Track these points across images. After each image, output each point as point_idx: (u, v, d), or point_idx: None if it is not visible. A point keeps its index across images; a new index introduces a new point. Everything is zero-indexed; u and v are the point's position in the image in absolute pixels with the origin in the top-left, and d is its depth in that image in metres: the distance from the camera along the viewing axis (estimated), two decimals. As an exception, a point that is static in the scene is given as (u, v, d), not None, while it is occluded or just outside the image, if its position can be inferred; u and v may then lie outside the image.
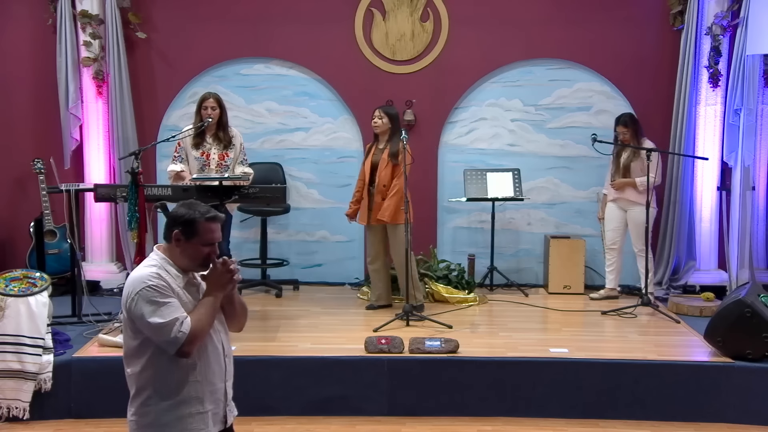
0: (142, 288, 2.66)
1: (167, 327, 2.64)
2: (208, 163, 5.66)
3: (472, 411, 4.80)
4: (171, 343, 2.66)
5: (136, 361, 2.76)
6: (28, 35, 6.83)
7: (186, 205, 2.79)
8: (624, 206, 6.33)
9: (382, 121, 5.90)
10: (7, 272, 5.09)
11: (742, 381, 4.75)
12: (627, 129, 6.27)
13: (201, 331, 2.71)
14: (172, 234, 2.75)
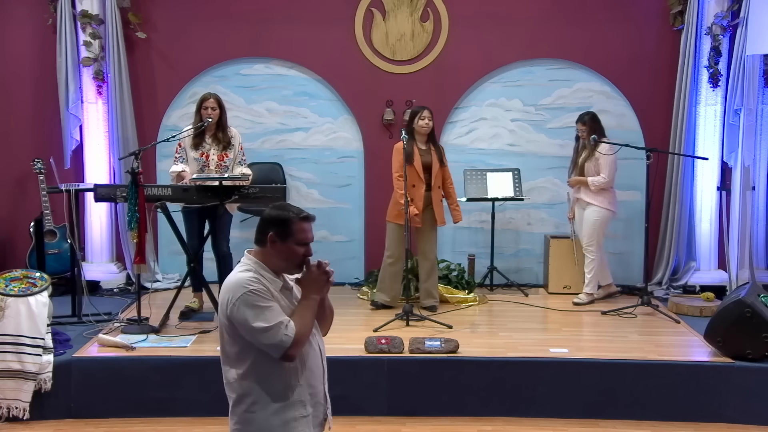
0: (243, 293, 2.62)
1: (272, 331, 2.60)
2: (207, 163, 5.66)
3: (472, 411, 4.80)
4: (277, 346, 2.61)
5: (237, 367, 2.70)
6: (28, 35, 6.83)
7: (278, 206, 2.77)
8: (581, 206, 6.42)
9: (432, 123, 5.94)
10: (7, 272, 5.09)
11: (742, 381, 4.75)
12: (585, 127, 6.29)
13: (305, 334, 2.68)
14: (267, 236, 2.71)
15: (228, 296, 2.66)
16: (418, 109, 5.95)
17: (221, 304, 2.70)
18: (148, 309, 5.54)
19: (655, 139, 6.71)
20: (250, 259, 2.73)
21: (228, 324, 2.68)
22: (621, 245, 6.96)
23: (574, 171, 6.39)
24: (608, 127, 6.52)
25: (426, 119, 5.88)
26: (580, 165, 6.32)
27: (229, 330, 2.69)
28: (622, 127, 6.85)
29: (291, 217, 2.71)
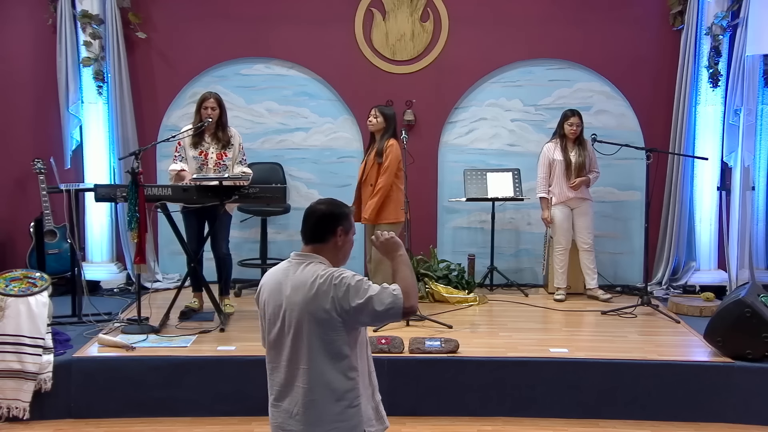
0: (341, 278, 2.64)
1: (382, 293, 2.64)
2: (206, 162, 5.66)
3: (472, 411, 4.79)
4: (393, 304, 2.63)
5: (340, 362, 2.68)
6: (28, 35, 6.83)
7: (332, 203, 2.80)
8: (574, 205, 6.37)
9: (377, 120, 5.89)
10: (7, 272, 5.09)
11: (742, 381, 4.75)
12: (581, 122, 6.29)
13: (410, 285, 2.71)
14: (336, 231, 2.74)
15: (330, 288, 2.63)
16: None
17: (325, 303, 2.63)
18: (148, 309, 5.53)
19: (655, 139, 6.71)
20: (312, 257, 2.72)
21: (339, 319, 2.63)
22: (621, 245, 6.95)
23: (573, 172, 6.30)
24: (608, 127, 6.53)
25: (370, 117, 5.96)
26: (578, 164, 6.29)
27: (337, 325, 2.64)
28: (622, 127, 6.85)
29: (349, 212, 2.82)
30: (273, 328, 2.74)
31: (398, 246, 2.81)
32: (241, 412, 4.73)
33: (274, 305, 2.73)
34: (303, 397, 2.69)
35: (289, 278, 2.71)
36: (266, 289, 2.79)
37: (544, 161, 6.38)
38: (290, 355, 2.70)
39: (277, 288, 2.73)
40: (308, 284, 2.66)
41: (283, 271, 2.76)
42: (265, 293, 2.79)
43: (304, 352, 2.67)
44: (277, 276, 2.77)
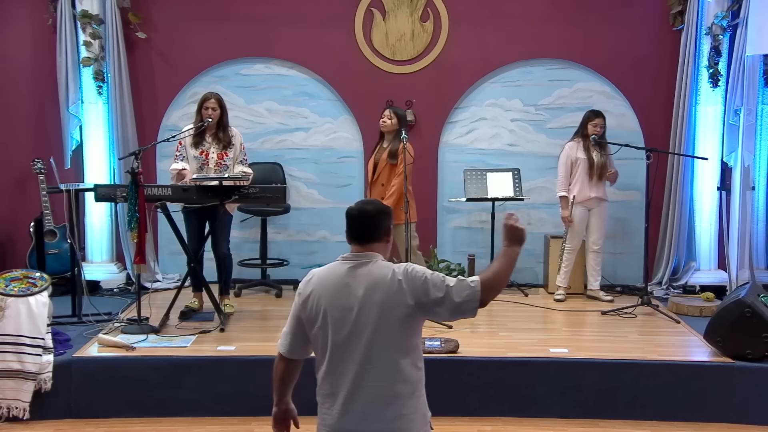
0: (417, 271, 2.67)
1: (461, 285, 2.66)
2: (206, 162, 5.66)
3: (472, 411, 4.79)
4: (470, 296, 2.64)
5: (412, 355, 2.69)
6: (28, 35, 6.83)
7: (377, 203, 2.89)
8: (592, 205, 6.34)
9: (392, 121, 5.96)
10: (7, 272, 5.09)
11: (742, 381, 4.75)
12: (605, 123, 6.30)
13: (496, 280, 2.69)
14: (389, 229, 2.81)
15: (404, 284, 2.64)
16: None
17: (397, 298, 2.63)
18: (148, 309, 5.53)
19: (655, 139, 6.70)
20: (367, 256, 2.72)
21: (414, 310, 2.64)
22: (621, 245, 6.95)
23: (593, 172, 6.26)
24: (608, 127, 6.51)
25: (384, 117, 6.00)
26: (600, 164, 6.26)
27: (410, 318, 2.65)
28: (622, 127, 6.85)
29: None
30: (341, 330, 2.66)
31: (522, 239, 2.79)
32: (241, 412, 4.73)
33: (342, 308, 2.66)
34: (380, 395, 2.66)
35: (357, 279, 2.68)
36: (325, 293, 2.70)
37: (565, 160, 6.33)
38: (365, 355, 2.64)
39: (343, 290, 2.68)
40: (387, 281, 2.65)
41: (345, 274, 2.70)
42: (323, 299, 2.69)
43: (380, 349, 2.64)
44: (337, 279, 2.71)
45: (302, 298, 2.76)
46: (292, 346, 2.81)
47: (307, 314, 2.73)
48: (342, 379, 2.68)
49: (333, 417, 2.70)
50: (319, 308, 2.70)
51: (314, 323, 2.72)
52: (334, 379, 2.70)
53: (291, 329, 2.81)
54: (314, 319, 2.71)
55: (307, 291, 2.75)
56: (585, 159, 6.28)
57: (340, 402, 2.68)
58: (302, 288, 2.78)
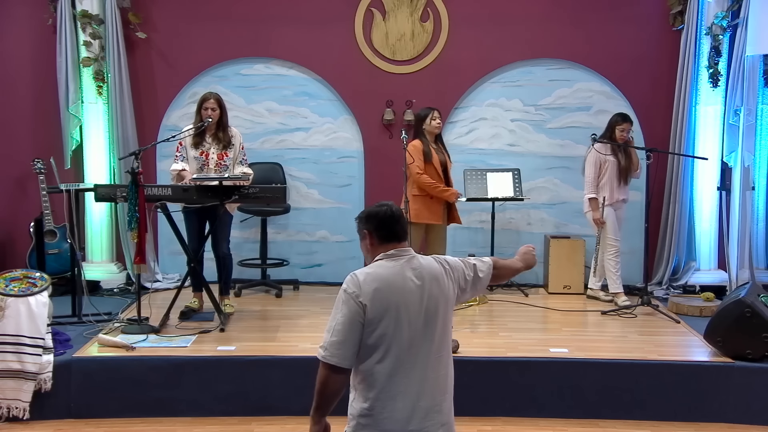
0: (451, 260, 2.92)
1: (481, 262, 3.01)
2: (207, 162, 5.65)
3: (472, 411, 4.78)
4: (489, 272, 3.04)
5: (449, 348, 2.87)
6: (28, 35, 6.83)
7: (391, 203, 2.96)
8: (618, 206, 6.33)
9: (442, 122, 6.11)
10: (7, 272, 5.09)
11: (742, 381, 4.75)
12: (631, 127, 6.25)
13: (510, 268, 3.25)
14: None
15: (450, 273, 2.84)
16: (428, 110, 6.04)
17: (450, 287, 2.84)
18: (148, 309, 5.53)
19: (655, 139, 6.70)
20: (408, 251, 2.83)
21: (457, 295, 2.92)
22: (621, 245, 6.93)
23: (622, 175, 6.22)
24: (609, 127, 6.52)
25: (437, 119, 6.01)
26: (626, 167, 6.22)
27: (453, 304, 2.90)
28: (622, 127, 6.85)
29: None
30: (414, 325, 2.69)
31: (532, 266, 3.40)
32: (241, 412, 4.73)
33: (413, 303, 2.70)
34: (443, 387, 2.82)
35: (416, 273, 2.75)
36: (393, 290, 2.68)
37: (594, 162, 6.21)
38: (436, 348, 2.75)
39: (409, 286, 2.71)
40: (440, 272, 2.80)
41: (402, 269, 2.74)
42: (393, 296, 2.67)
43: (445, 339, 2.80)
44: (399, 275, 2.72)
45: (364, 299, 2.65)
46: (351, 355, 2.66)
47: (373, 315, 2.65)
48: (412, 375, 2.68)
49: (398, 419, 2.66)
50: (388, 306, 2.66)
51: (380, 323, 2.65)
52: (401, 378, 2.67)
53: (347, 337, 2.64)
54: (380, 318, 2.65)
55: (369, 290, 2.66)
56: (615, 162, 6.19)
57: (409, 400, 2.67)
58: (359, 290, 2.67)
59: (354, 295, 2.67)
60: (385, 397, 2.66)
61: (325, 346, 2.65)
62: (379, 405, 2.66)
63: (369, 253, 2.87)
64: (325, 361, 2.65)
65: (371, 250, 2.85)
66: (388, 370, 2.66)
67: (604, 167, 6.22)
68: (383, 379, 2.66)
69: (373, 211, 2.84)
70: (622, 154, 6.23)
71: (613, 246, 6.25)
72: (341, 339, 2.64)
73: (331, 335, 2.65)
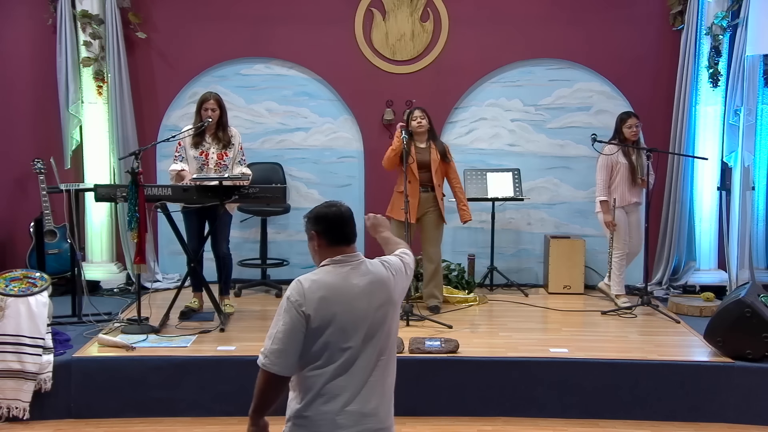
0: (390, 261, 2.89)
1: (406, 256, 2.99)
2: (206, 162, 5.66)
3: (472, 411, 4.80)
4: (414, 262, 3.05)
5: (393, 352, 2.81)
6: (28, 35, 6.83)
7: (340, 203, 2.87)
8: (631, 209, 6.25)
9: (425, 121, 5.94)
10: (7, 272, 5.09)
11: (742, 381, 4.75)
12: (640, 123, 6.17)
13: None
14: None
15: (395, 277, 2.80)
16: (410, 110, 6.05)
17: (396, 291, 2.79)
18: (148, 309, 5.53)
19: (655, 139, 6.70)
20: (357, 255, 2.80)
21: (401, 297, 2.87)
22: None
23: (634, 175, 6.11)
24: (608, 127, 6.51)
25: (417, 119, 5.93)
26: (639, 167, 6.10)
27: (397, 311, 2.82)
28: (622, 127, 6.84)
29: None
30: (358, 332, 2.63)
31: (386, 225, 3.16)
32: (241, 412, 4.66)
33: (358, 310, 2.64)
34: (386, 391, 2.73)
35: (363, 279, 2.69)
36: (338, 298, 2.64)
37: (605, 165, 6.13)
38: (379, 352, 2.68)
39: (356, 293, 2.67)
40: (386, 276, 2.76)
41: (348, 276, 2.69)
42: (337, 305, 2.63)
43: (390, 344, 2.74)
44: (344, 282, 2.67)
45: (307, 308, 2.60)
46: (292, 364, 2.61)
47: (316, 324, 2.60)
48: (352, 380, 2.63)
49: (333, 423, 2.61)
50: (333, 315, 2.61)
51: (323, 331, 2.61)
52: (341, 382, 2.62)
53: (287, 346, 2.59)
54: (324, 327, 2.61)
55: (313, 299, 2.61)
56: (626, 164, 6.11)
57: (347, 404, 2.62)
58: (302, 299, 2.61)
59: (297, 305, 2.60)
60: (323, 401, 2.62)
61: (266, 353, 2.60)
62: (315, 408, 2.62)
63: (315, 254, 2.80)
64: (266, 369, 2.60)
65: (318, 251, 2.77)
66: (328, 376, 2.62)
67: (615, 170, 6.15)
68: (322, 383, 2.62)
69: (323, 211, 2.75)
70: (636, 155, 6.12)
71: (619, 249, 6.21)
72: (282, 348, 2.58)
73: (272, 343, 2.59)
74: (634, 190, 6.20)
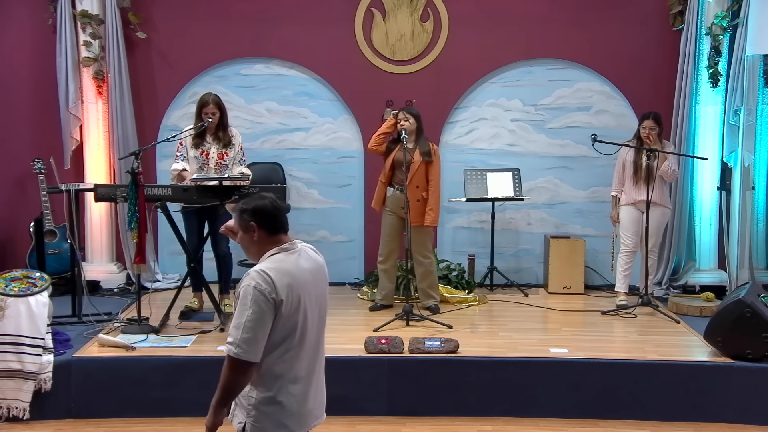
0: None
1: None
2: (207, 162, 5.66)
3: (472, 411, 4.80)
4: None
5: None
6: (28, 35, 6.83)
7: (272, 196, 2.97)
8: (644, 208, 6.10)
9: (409, 122, 5.89)
10: (7, 272, 5.09)
11: (742, 381, 4.75)
12: (656, 125, 6.06)
13: None
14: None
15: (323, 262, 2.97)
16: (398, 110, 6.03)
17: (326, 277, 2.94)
18: (148, 309, 5.53)
19: (655, 139, 6.69)
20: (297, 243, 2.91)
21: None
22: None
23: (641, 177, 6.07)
24: (608, 127, 6.53)
25: (401, 120, 5.91)
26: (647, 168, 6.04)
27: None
28: (622, 127, 6.84)
29: None
30: (315, 314, 2.83)
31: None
32: (241, 412, 4.72)
33: (313, 294, 2.82)
34: (322, 364, 2.95)
35: (309, 264, 2.85)
36: (300, 283, 2.75)
37: (619, 161, 6.24)
38: (323, 330, 2.92)
39: (309, 277, 2.82)
40: (322, 262, 2.94)
41: (299, 261, 2.82)
42: (300, 288, 2.75)
43: (325, 322, 2.94)
44: (298, 267, 2.79)
45: (279, 295, 2.68)
46: (260, 350, 2.68)
47: (287, 308, 2.70)
48: (309, 359, 2.82)
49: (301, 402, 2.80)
50: (298, 299, 2.74)
51: (291, 316, 2.72)
52: (302, 363, 2.79)
53: (258, 333, 2.66)
54: (293, 311, 2.72)
55: (283, 286, 2.69)
56: (631, 162, 6.15)
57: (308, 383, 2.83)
58: (270, 286, 2.67)
59: (267, 292, 2.67)
60: (291, 383, 2.77)
61: (237, 343, 2.65)
62: (284, 391, 2.75)
63: (252, 245, 2.85)
64: (238, 358, 2.65)
65: (257, 242, 2.83)
66: (291, 359, 2.76)
67: (626, 167, 6.20)
68: (287, 367, 2.76)
69: (260, 203, 2.83)
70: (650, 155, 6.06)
71: (623, 245, 6.24)
72: (252, 336, 2.65)
73: (242, 332, 2.65)
74: (640, 189, 6.11)
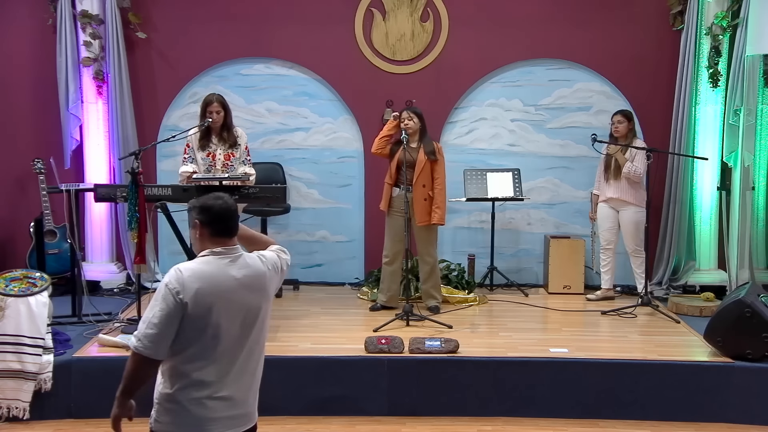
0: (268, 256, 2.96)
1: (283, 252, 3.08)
2: (214, 163, 5.66)
3: (472, 411, 4.80)
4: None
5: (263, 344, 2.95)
6: (28, 35, 6.83)
7: (225, 196, 2.90)
8: (616, 206, 6.32)
9: (413, 121, 5.91)
10: (7, 272, 5.09)
11: (742, 381, 4.75)
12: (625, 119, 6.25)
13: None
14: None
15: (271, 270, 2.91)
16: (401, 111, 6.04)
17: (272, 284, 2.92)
18: (148, 309, 5.52)
19: (655, 139, 6.69)
20: (237, 248, 2.87)
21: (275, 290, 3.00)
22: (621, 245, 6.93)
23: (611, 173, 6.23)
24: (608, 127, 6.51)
25: (405, 120, 5.92)
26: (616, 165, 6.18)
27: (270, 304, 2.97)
28: (622, 127, 6.85)
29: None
30: (234, 323, 2.74)
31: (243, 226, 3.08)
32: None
33: (234, 302, 2.73)
34: (255, 380, 2.87)
35: (240, 272, 2.77)
36: (215, 290, 2.70)
37: (601, 160, 6.39)
38: (251, 343, 2.81)
39: (233, 285, 2.74)
40: (263, 270, 2.85)
41: (227, 268, 2.75)
42: (213, 296, 2.69)
43: (260, 335, 2.86)
44: (223, 274, 2.73)
45: (185, 296, 2.64)
46: (164, 348, 2.66)
47: (193, 312, 2.66)
48: (221, 368, 2.72)
49: (201, 408, 2.70)
50: (209, 305, 2.68)
51: (198, 320, 2.67)
52: (211, 370, 2.70)
53: (162, 331, 2.63)
54: (200, 315, 2.67)
55: (191, 288, 2.66)
56: (603, 159, 6.33)
57: (214, 391, 2.72)
58: (181, 286, 2.65)
59: (175, 292, 2.65)
60: (193, 387, 2.70)
61: (140, 337, 2.65)
62: (185, 393, 2.70)
63: (195, 242, 2.85)
64: (138, 353, 2.65)
65: (199, 240, 2.82)
66: (199, 363, 2.70)
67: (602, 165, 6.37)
68: (192, 370, 2.70)
69: (209, 203, 2.80)
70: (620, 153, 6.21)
71: (601, 241, 6.43)
72: (156, 332, 2.64)
73: (147, 327, 2.65)
74: (611, 186, 6.27)
